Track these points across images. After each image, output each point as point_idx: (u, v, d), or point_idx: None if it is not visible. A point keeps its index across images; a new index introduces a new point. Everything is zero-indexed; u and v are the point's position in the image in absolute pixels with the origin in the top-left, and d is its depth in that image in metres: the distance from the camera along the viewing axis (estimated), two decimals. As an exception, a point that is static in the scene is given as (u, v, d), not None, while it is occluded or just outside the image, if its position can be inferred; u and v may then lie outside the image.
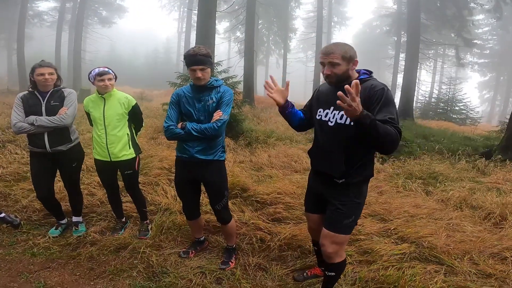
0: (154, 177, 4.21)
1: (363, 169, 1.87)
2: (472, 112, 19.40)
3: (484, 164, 5.99)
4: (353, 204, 1.90)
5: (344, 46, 1.77)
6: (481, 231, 3.22)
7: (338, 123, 1.82)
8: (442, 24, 18.65)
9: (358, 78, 1.78)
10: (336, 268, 2.03)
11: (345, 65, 1.75)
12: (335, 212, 1.91)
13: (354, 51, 1.78)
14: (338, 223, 1.89)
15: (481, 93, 41.23)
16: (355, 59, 1.78)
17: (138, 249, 2.67)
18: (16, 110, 2.59)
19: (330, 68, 1.77)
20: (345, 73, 1.77)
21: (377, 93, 1.71)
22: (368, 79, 1.80)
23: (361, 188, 1.93)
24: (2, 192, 3.66)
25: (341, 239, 1.93)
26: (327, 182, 1.94)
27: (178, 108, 2.29)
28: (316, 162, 2.08)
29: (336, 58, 1.73)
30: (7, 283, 2.25)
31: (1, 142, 5.54)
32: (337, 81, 1.80)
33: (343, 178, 1.85)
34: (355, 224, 1.97)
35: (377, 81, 1.78)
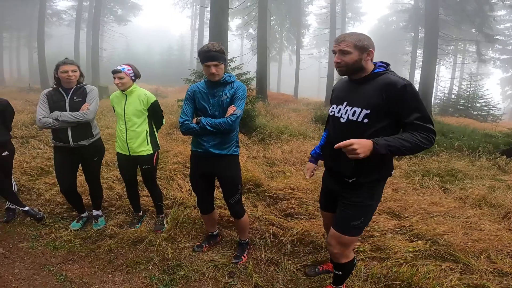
0: (170, 171, 4.29)
1: (378, 168, 1.75)
2: (493, 109, 18.70)
3: (505, 161, 5.82)
4: (363, 205, 1.81)
5: (359, 35, 1.66)
6: (499, 230, 3.15)
7: (350, 119, 1.72)
8: (461, 19, 17.98)
9: (374, 71, 1.70)
10: (342, 268, 2.01)
11: (357, 54, 1.65)
12: (344, 212, 1.85)
13: (370, 41, 1.67)
14: (345, 224, 1.84)
15: (504, 89, 39.67)
16: (370, 49, 1.66)
17: (154, 242, 2.75)
18: (41, 106, 2.70)
19: (340, 56, 1.68)
20: (357, 63, 1.67)
21: (400, 92, 1.57)
22: (384, 72, 1.68)
23: (375, 188, 1.82)
24: (26, 186, 3.82)
25: (347, 240, 1.87)
26: (339, 181, 1.88)
27: (193, 104, 2.33)
28: (327, 160, 2.01)
29: (347, 46, 1.64)
30: (30, 276, 2.35)
31: (24, 138, 5.77)
32: (348, 71, 1.72)
33: (354, 177, 1.77)
34: (365, 226, 1.88)
35: (396, 76, 1.65)
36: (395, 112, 1.61)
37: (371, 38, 1.69)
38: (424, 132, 1.57)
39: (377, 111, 1.63)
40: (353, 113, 1.70)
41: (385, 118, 1.64)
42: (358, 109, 1.67)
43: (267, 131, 7.15)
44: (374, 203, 1.86)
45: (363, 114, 1.66)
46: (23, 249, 2.67)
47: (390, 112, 1.62)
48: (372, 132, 1.64)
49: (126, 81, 2.71)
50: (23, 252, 2.64)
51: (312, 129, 8.79)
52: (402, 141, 1.54)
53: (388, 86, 1.60)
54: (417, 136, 1.55)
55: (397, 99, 1.58)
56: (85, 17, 26.65)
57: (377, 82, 1.65)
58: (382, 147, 1.50)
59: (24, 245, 2.73)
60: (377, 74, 1.68)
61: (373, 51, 1.67)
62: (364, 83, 1.71)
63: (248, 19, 20.23)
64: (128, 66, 2.76)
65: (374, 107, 1.63)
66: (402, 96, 1.57)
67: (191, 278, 2.36)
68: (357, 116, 1.68)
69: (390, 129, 1.67)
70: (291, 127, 8.27)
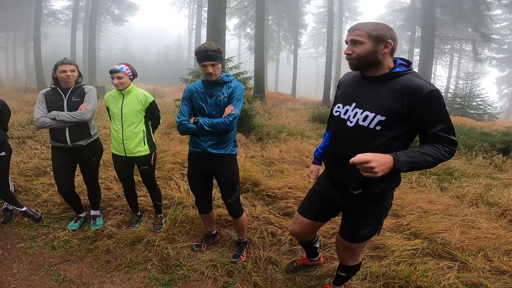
0: (168, 171, 4.29)
1: (386, 179, 1.45)
2: (490, 108, 18.79)
3: (501, 160, 5.86)
4: (372, 215, 1.65)
5: (376, 24, 1.42)
6: (496, 228, 3.17)
7: (360, 124, 1.48)
8: (458, 19, 18.12)
9: (393, 70, 1.45)
10: (348, 270, 1.96)
11: (372, 45, 1.40)
12: (352, 222, 1.71)
13: (389, 31, 1.41)
14: (353, 233, 1.71)
15: (500, 88, 39.97)
16: (388, 40, 1.40)
17: (152, 242, 2.74)
18: (39, 106, 2.68)
19: (351, 46, 1.45)
20: (371, 56, 1.42)
21: (426, 99, 1.35)
22: (406, 72, 1.44)
23: (383, 199, 1.63)
24: (23, 186, 3.80)
25: (355, 247, 1.78)
26: (341, 190, 1.67)
27: (190, 104, 2.33)
28: (329, 166, 1.76)
29: (359, 36, 1.41)
30: (29, 276, 2.34)
31: (21, 138, 5.74)
32: (361, 65, 1.47)
33: (360, 189, 1.57)
34: (376, 232, 1.72)
35: (420, 79, 1.41)
36: (416, 120, 1.41)
37: (392, 29, 1.44)
38: (448, 145, 1.39)
39: (393, 119, 1.41)
40: (365, 117, 1.47)
41: (402, 126, 1.43)
42: (371, 114, 1.45)
43: (265, 130, 7.16)
44: (384, 213, 1.68)
45: (376, 120, 1.43)
46: (21, 250, 2.66)
47: (409, 120, 1.42)
48: (384, 141, 1.45)
49: (125, 81, 2.69)
50: (21, 252, 2.63)
51: (310, 128, 8.81)
52: (425, 156, 1.35)
53: (411, 91, 1.37)
54: (441, 150, 1.38)
55: (422, 106, 1.36)
56: (81, 17, 26.54)
57: (397, 84, 1.42)
58: (404, 164, 1.31)
59: (22, 246, 2.72)
60: (397, 74, 1.44)
61: (392, 43, 1.42)
62: (380, 83, 1.47)
63: (246, 18, 20.23)
64: (126, 66, 2.74)
65: (391, 113, 1.41)
66: (428, 103, 1.36)
67: (190, 278, 2.36)
68: (369, 122, 1.45)
69: (405, 138, 1.48)
70: (289, 127, 8.29)
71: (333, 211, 1.85)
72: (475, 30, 18.32)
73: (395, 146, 1.45)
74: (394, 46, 1.44)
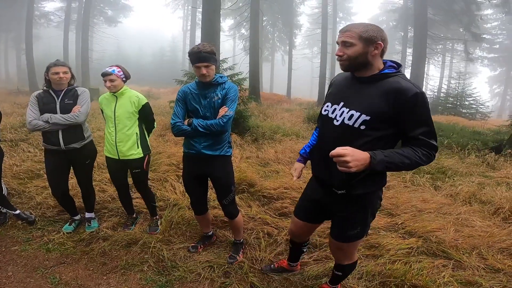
0: (163, 173, 4.27)
1: (371, 181, 1.54)
2: (482, 107, 19.04)
3: (493, 158, 5.94)
4: (358, 215, 1.67)
5: (367, 26, 1.44)
6: (490, 226, 3.21)
7: (345, 123, 1.51)
8: (450, 19, 18.39)
9: (382, 71, 1.48)
10: (343, 269, 1.97)
11: (362, 46, 1.43)
12: (339, 222, 1.73)
13: (379, 33, 1.43)
14: (341, 233, 1.74)
15: (491, 87, 40.53)
16: (378, 42, 1.42)
17: (148, 244, 2.73)
18: (32, 108, 2.65)
19: (342, 48, 1.47)
20: (361, 57, 1.44)
21: (411, 101, 1.37)
22: (394, 74, 1.46)
23: (368, 200, 1.64)
24: (17, 189, 3.75)
25: (346, 247, 1.79)
26: (327, 191, 1.69)
27: (184, 105, 2.32)
28: (315, 166, 1.78)
29: (350, 37, 1.43)
30: (24, 279, 2.32)
31: (14, 141, 5.67)
32: (352, 66, 1.50)
33: (343, 189, 1.59)
34: (364, 234, 1.74)
35: (408, 82, 1.43)
36: (400, 122, 1.43)
37: (382, 30, 1.45)
38: (426, 149, 1.42)
39: (378, 119, 1.44)
40: (350, 116, 1.49)
41: (386, 127, 1.45)
42: (356, 113, 1.47)
43: (260, 131, 7.17)
44: (370, 212, 1.68)
45: (361, 119, 1.45)
46: (16, 252, 2.64)
47: (393, 122, 1.44)
48: (368, 141, 1.46)
49: (117, 83, 2.67)
50: (16, 255, 2.61)
51: (305, 129, 8.83)
52: (402, 157, 1.38)
53: (397, 92, 1.39)
54: (419, 153, 1.40)
55: (406, 109, 1.39)
56: (74, 18, 26.34)
57: (384, 84, 1.44)
58: (379, 163, 1.34)
59: (17, 248, 2.69)
60: (385, 75, 1.46)
61: (383, 45, 1.44)
62: (368, 83, 1.50)
63: (240, 19, 20.24)
64: (118, 68, 2.71)
65: (376, 113, 1.43)
66: (412, 106, 1.38)
67: (187, 279, 2.36)
68: (354, 121, 1.47)
69: (389, 140, 1.50)
70: (284, 127, 8.30)
71: (324, 213, 1.85)
72: (467, 30, 18.59)
73: (379, 146, 1.47)
74: (384, 48, 1.46)
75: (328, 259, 2.59)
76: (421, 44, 15.49)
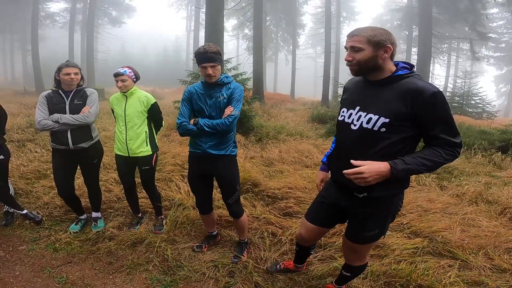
0: (168, 173, 4.29)
1: (393, 183, 1.48)
2: (488, 106, 18.86)
3: (500, 158, 5.88)
4: (377, 218, 1.64)
5: (375, 29, 1.43)
6: (496, 226, 3.18)
7: (364, 127, 1.49)
8: (455, 18, 18.22)
9: (395, 73, 1.46)
10: (353, 270, 1.96)
11: (371, 51, 1.42)
12: (357, 224, 1.71)
13: (388, 36, 1.42)
14: (358, 235, 1.72)
15: (498, 86, 40.09)
16: (387, 45, 1.41)
17: (153, 243, 2.75)
18: (41, 108, 2.69)
19: (351, 53, 1.46)
20: (371, 61, 1.44)
21: (429, 101, 1.36)
22: (408, 75, 1.45)
23: (390, 202, 1.61)
24: (24, 189, 3.79)
25: (361, 248, 1.78)
26: (347, 195, 1.66)
27: (190, 105, 2.34)
28: (334, 171, 1.76)
29: (359, 42, 1.42)
30: (31, 278, 2.35)
31: (21, 141, 5.73)
32: (362, 71, 1.50)
33: (365, 192, 1.57)
34: (382, 235, 1.71)
35: (423, 81, 1.42)
36: (419, 122, 1.41)
37: (391, 34, 1.45)
38: (449, 147, 1.41)
39: (397, 121, 1.42)
40: (368, 120, 1.48)
41: (406, 128, 1.44)
42: (374, 116, 1.46)
43: (264, 131, 7.17)
44: (391, 214, 1.66)
45: (380, 122, 1.44)
46: (23, 252, 2.67)
47: (412, 123, 1.42)
48: (389, 144, 1.45)
49: (128, 84, 2.73)
50: (23, 254, 2.63)
51: (309, 129, 8.83)
52: (423, 161, 1.39)
53: (415, 93, 1.38)
54: (441, 153, 1.40)
55: (425, 108, 1.37)
56: (79, 19, 26.54)
57: (400, 86, 1.43)
58: (400, 172, 1.35)
59: (24, 248, 2.72)
60: (400, 77, 1.45)
61: (392, 48, 1.43)
62: (383, 86, 1.48)
63: (244, 19, 20.28)
64: (129, 69, 2.78)
65: (395, 115, 1.41)
66: (431, 105, 1.37)
67: (192, 278, 2.37)
68: (373, 124, 1.46)
69: (410, 141, 1.48)
70: (288, 127, 8.30)
71: (340, 217, 1.83)
72: (472, 29, 18.40)
73: (399, 148, 1.46)
74: (394, 51, 1.46)
75: (333, 259, 2.59)
76: (426, 43, 15.37)
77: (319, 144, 6.53)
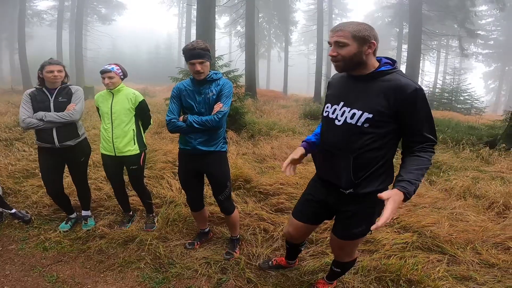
0: (159, 170, 4.26)
1: (378, 178, 1.54)
2: (477, 102, 19.20)
3: (488, 153, 5.96)
4: (364, 214, 1.64)
5: (359, 25, 1.43)
6: (484, 221, 3.22)
7: (348, 122, 1.50)
8: (444, 15, 18.44)
9: (379, 69, 1.48)
10: (342, 266, 1.97)
11: (356, 46, 1.41)
12: (344, 220, 1.71)
13: (372, 31, 1.42)
14: (346, 231, 1.71)
15: (487, 83, 40.78)
16: (372, 41, 1.42)
17: (145, 241, 2.73)
18: (25, 106, 2.63)
19: (335, 48, 1.45)
20: (356, 57, 1.44)
21: (411, 97, 1.38)
22: (391, 71, 1.46)
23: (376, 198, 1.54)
24: (12, 188, 3.73)
25: (349, 244, 1.79)
26: (333, 191, 1.66)
27: (179, 102, 2.32)
28: (319, 167, 1.77)
29: (343, 37, 1.41)
30: (21, 277, 2.32)
31: (9, 140, 5.63)
32: (346, 66, 1.49)
33: (351, 188, 1.57)
34: (369, 231, 1.68)
35: (405, 77, 1.44)
36: (401, 118, 1.43)
37: (373, 29, 1.45)
38: (429, 146, 1.46)
39: (381, 116, 1.44)
40: (352, 115, 1.49)
41: (389, 123, 1.46)
42: (358, 112, 1.47)
43: (256, 127, 7.16)
44: (377, 210, 1.64)
45: (364, 117, 1.46)
46: (13, 251, 2.63)
47: (395, 118, 1.44)
48: (371, 138, 1.48)
49: (115, 81, 2.69)
50: (13, 254, 2.60)
51: (301, 125, 8.86)
52: (420, 172, 1.42)
53: (397, 89, 1.40)
54: (427, 158, 1.44)
55: (407, 105, 1.40)
56: (67, 17, 26.04)
57: (383, 82, 1.45)
58: (411, 194, 1.37)
59: (14, 247, 2.68)
60: (383, 72, 1.46)
61: (376, 43, 1.44)
62: (367, 82, 1.49)
63: (236, 16, 20.17)
64: (117, 66, 2.74)
65: (377, 111, 1.43)
66: (413, 102, 1.39)
67: (184, 276, 2.37)
68: (357, 119, 1.47)
69: (392, 136, 1.51)
70: (280, 123, 8.31)
71: (327, 213, 1.84)
72: (461, 26, 18.66)
73: (382, 143, 1.49)
74: (377, 46, 1.47)
75: (324, 254, 2.61)
76: (416, 40, 15.55)
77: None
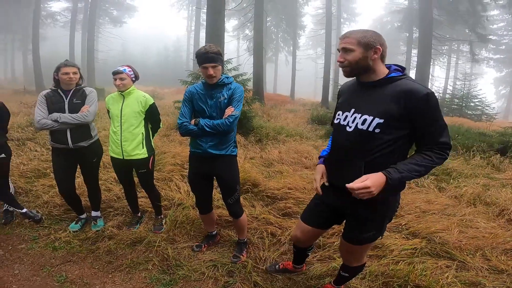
0: (168, 173, 4.30)
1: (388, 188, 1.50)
2: (487, 108, 18.86)
3: (499, 160, 5.89)
4: (374, 219, 1.65)
5: (366, 32, 1.49)
6: (494, 228, 3.19)
7: (359, 128, 1.52)
8: (455, 19, 18.27)
9: (388, 75, 1.51)
10: (351, 271, 1.97)
11: (361, 52, 1.47)
12: (354, 225, 1.71)
13: (377, 37, 1.48)
14: (356, 236, 1.72)
15: (497, 89, 40.18)
16: (376, 46, 1.47)
17: (153, 243, 2.76)
18: (40, 107, 2.69)
19: (343, 54, 1.52)
20: (361, 62, 1.49)
21: (422, 102, 1.40)
22: (401, 77, 1.49)
23: (386, 204, 1.62)
24: (24, 188, 3.80)
25: (358, 249, 1.79)
26: (344, 196, 1.62)
27: (191, 105, 2.35)
28: (330, 173, 1.77)
29: (350, 43, 1.48)
30: (30, 277, 2.36)
31: (21, 140, 5.74)
32: (353, 72, 1.55)
33: None
34: (380, 236, 1.72)
35: (416, 83, 1.45)
36: (413, 123, 1.45)
37: (381, 36, 1.50)
38: (439, 149, 1.45)
39: (391, 121, 1.45)
40: (363, 121, 1.51)
41: (400, 129, 1.47)
42: (369, 117, 1.49)
43: (264, 131, 7.18)
44: (388, 215, 1.67)
45: (375, 123, 1.47)
46: (23, 251, 2.68)
47: (406, 123, 1.46)
48: (383, 144, 1.48)
49: (127, 82, 2.73)
50: (23, 253, 2.64)
51: (309, 130, 8.85)
52: (415, 167, 1.43)
53: (408, 94, 1.42)
54: (432, 157, 1.44)
55: (418, 109, 1.41)
56: (80, 18, 26.56)
57: (393, 87, 1.47)
58: (395, 180, 1.40)
59: (23, 247, 2.73)
60: (392, 79, 1.49)
61: (381, 49, 1.48)
62: (377, 88, 1.52)
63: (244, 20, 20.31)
64: (129, 67, 2.78)
65: (388, 116, 1.45)
66: (424, 106, 1.41)
67: (191, 278, 2.38)
68: (368, 125, 1.49)
69: (403, 141, 1.51)
70: (288, 128, 8.32)
71: (336, 218, 1.85)
72: (472, 31, 18.44)
73: (393, 148, 1.50)
74: (384, 52, 1.51)
75: (331, 259, 2.60)
76: (426, 45, 15.40)
77: (318, 145, 6.54)
